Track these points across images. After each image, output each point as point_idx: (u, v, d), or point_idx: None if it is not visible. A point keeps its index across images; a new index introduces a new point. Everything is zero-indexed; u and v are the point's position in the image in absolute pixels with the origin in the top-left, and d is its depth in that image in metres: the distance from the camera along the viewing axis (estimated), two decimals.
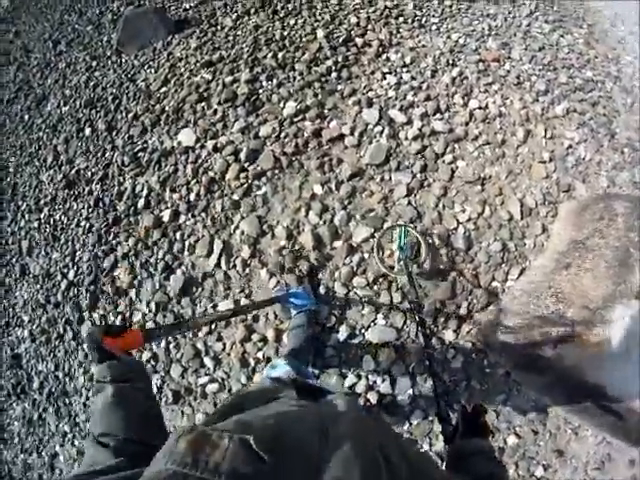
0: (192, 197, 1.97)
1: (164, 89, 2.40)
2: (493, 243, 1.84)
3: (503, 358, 1.79)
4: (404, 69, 2.20)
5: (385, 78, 2.15)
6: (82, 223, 2.32)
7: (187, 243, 1.92)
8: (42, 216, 2.59)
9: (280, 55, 2.28)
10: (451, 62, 2.26)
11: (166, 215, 1.99)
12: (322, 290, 1.72)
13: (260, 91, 2.16)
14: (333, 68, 2.19)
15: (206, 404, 1.83)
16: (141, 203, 2.09)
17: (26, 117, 3.18)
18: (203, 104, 2.20)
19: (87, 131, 2.59)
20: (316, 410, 0.53)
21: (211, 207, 1.93)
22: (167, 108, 2.28)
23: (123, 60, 2.81)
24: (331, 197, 1.83)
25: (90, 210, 2.30)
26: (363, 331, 1.69)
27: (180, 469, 0.33)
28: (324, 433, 0.44)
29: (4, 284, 2.71)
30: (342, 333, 1.69)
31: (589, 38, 2.74)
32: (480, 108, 2.10)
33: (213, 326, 1.83)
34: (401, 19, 2.46)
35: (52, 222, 2.51)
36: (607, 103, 2.39)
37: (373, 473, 0.40)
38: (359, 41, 2.30)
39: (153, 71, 2.56)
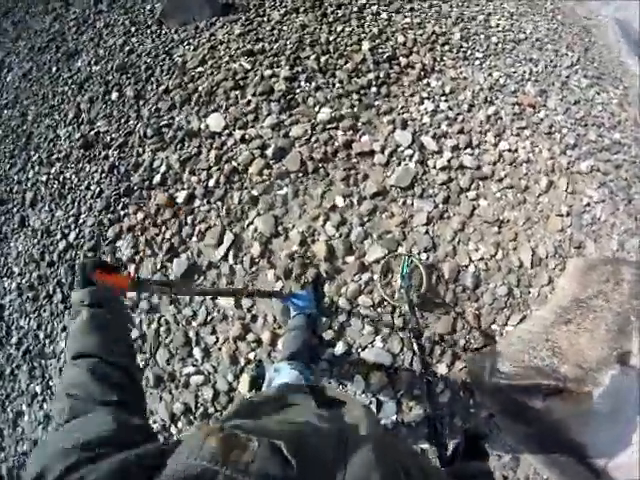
0: (211, 183, 1.94)
1: (200, 69, 2.37)
2: (500, 286, 1.85)
3: (490, 401, 1.79)
4: (442, 97, 2.20)
5: (423, 103, 2.15)
6: (92, 187, 2.28)
7: (197, 229, 1.89)
8: (52, 171, 2.54)
9: (323, 59, 2.27)
10: (489, 99, 2.28)
11: (181, 196, 1.96)
12: (326, 302, 1.71)
13: (297, 91, 2.15)
14: (373, 83, 2.19)
15: (187, 394, 1.79)
16: (157, 179, 2.06)
17: (54, 69, 3.12)
18: (237, 92, 2.18)
19: (114, 95, 2.54)
20: (335, 420, 0.53)
21: (228, 197, 1.90)
22: (200, 89, 2.25)
23: (163, 32, 2.77)
24: (351, 211, 1.82)
25: (103, 175, 2.26)
26: (359, 350, 1.68)
27: (211, 466, 0.33)
28: (343, 442, 0.44)
29: (1, 231, 2.65)
30: (338, 348, 1.67)
31: (623, 100, 2.78)
32: (510, 151, 2.12)
33: (209, 318, 1.80)
34: (447, 47, 2.47)
35: (61, 179, 2.46)
36: (630, 168, 2.43)
37: None
38: (403, 61, 2.30)
39: (192, 49, 2.53)
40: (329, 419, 0.52)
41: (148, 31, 2.85)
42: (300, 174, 1.90)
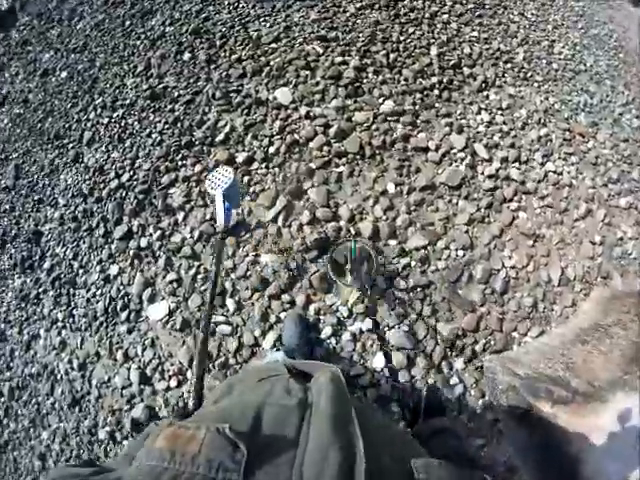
0: (271, 150, 2.04)
1: (274, 45, 2.48)
2: (526, 297, 1.92)
3: (499, 401, 1.86)
4: (499, 111, 2.30)
5: (480, 113, 2.24)
6: (154, 135, 2.39)
7: (252, 189, 1.99)
8: (115, 115, 2.65)
9: (392, 56, 2.37)
10: (542, 121, 2.36)
11: (240, 157, 2.06)
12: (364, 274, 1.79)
13: (364, 81, 2.25)
14: (436, 86, 2.28)
15: (211, 342, 1.87)
16: (220, 138, 2.17)
17: (127, 23, 3.25)
18: (307, 72, 2.29)
19: (186, 56, 2.67)
20: (302, 393, 0.52)
21: (286, 165, 2.00)
22: (272, 63, 2.37)
23: (240, 5, 2.90)
24: (400, 199, 1.91)
25: (166, 126, 2.37)
26: (386, 329, 1.76)
27: (159, 464, 0.34)
28: (305, 416, 0.45)
29: (52, 163, 2.77)
30: (365, 324, 1.76)
31: None
32: (555, 172, 2.20)
33: (248, 273, 1.89)
34: (509, 65, 2.56)
35: (123, 124, 2.57)
36: None
37: (348, 460, 0.39)
38: (467, 71, 2.40)
39: (268, 25, 2.65)
40: (297, 392, 0.52)
41: (225, 2, 2.98)
42: (357, 156, 2.00)
